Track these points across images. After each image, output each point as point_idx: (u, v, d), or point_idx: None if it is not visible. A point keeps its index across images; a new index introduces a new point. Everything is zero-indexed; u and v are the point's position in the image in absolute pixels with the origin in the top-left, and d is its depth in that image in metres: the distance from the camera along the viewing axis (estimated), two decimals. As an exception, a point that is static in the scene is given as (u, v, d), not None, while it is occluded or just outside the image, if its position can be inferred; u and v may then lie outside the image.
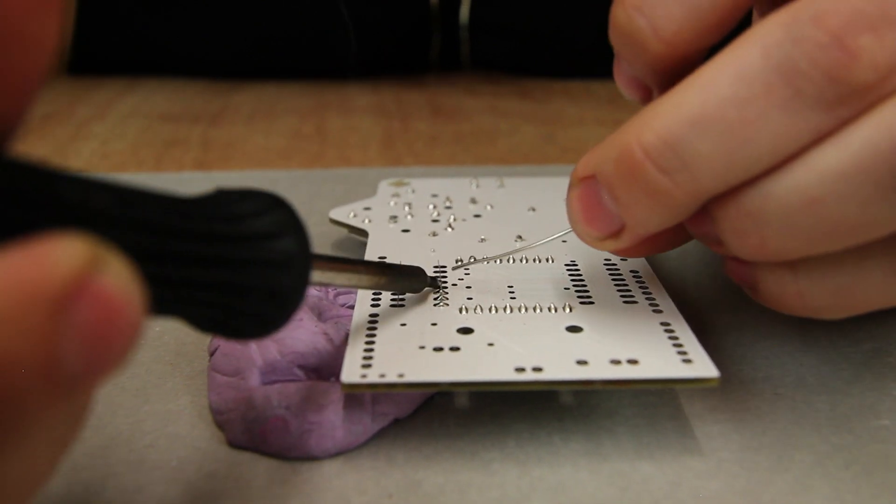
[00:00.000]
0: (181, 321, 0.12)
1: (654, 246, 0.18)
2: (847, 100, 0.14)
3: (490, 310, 0.19)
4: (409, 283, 0.19)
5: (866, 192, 0.14)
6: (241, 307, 0.13)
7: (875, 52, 0.14)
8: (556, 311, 0.19)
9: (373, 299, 0.20)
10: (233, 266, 0.12)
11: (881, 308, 0.16)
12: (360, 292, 0.20)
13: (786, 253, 0.16)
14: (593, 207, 0.17)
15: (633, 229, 0.16)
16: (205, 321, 0.13)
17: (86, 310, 0.09)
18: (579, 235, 0.18)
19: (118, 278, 0.09)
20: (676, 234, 0.18)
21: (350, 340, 0.18)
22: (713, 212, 0.16)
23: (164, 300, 0.11)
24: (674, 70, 0.17)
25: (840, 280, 0.16)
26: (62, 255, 0.09)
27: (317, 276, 0.15)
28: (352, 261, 0.17)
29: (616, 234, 0.17)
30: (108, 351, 0.09)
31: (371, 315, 0.19)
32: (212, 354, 0.19)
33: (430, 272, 0.21)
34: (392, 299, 0.20)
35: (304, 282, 0.14)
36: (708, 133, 0.15)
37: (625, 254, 0.18)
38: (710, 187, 0.15)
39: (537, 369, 0.16)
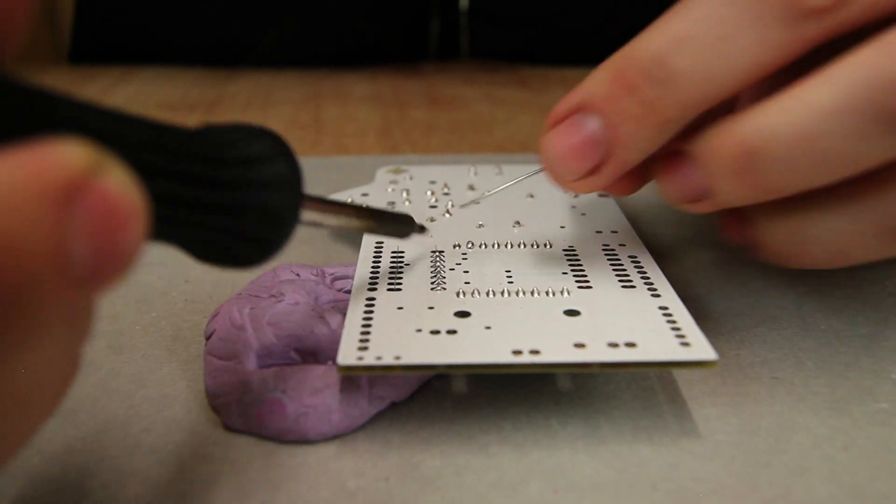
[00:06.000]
0: (180, 249, 0.13)
1: (622, 187, 0.20)
2: (805, 20, 0.16)
3: (487, 293, 0.19)
4: (397, 227, 0.20)
5: (856, 127, 0.16)
6: (238, 229, 0.13)
7: None
8: (553, 294, 0.19)
9: (370, 283, 0.20)
10: (228, 187, 0.13)
11: (871, 260, 0.18)
12: (357, 276, 0.20)
13: (784, 187, 0.17)
14: (576, 140, 0.18)
15: (620, 155, 0.18)
16: (203, 248, 0.13)
17: (91, 206, 0.09)
18: (558, 176, 0.19)
19: (120, 181, 0.10)
20: (643, 174, 0.19)
21: (346, 323, 0.17)
22: (704, 157, 0.17)
23: (161, 220, 0.11)
24: None
25: (835, 234, 0.17)
26: (67, 153, 0.09)
27: (309, 215, 0.16)
28: (343, 203, 0.18)
29: (597, 168, 0.18)
30: (113, 251, 0.10)
31: (368, 298, 0.19)
32: (208, 338, 0.19)
33: (427, 259, 0.21)
34: (389, 283, 0.20)
35: (297, 202, 0.14)
36: (689, 48, 0.17)
37: (598, 189, 0.19)
38: (694, 99, 0.17)
39: (535, 352, 0.16)
